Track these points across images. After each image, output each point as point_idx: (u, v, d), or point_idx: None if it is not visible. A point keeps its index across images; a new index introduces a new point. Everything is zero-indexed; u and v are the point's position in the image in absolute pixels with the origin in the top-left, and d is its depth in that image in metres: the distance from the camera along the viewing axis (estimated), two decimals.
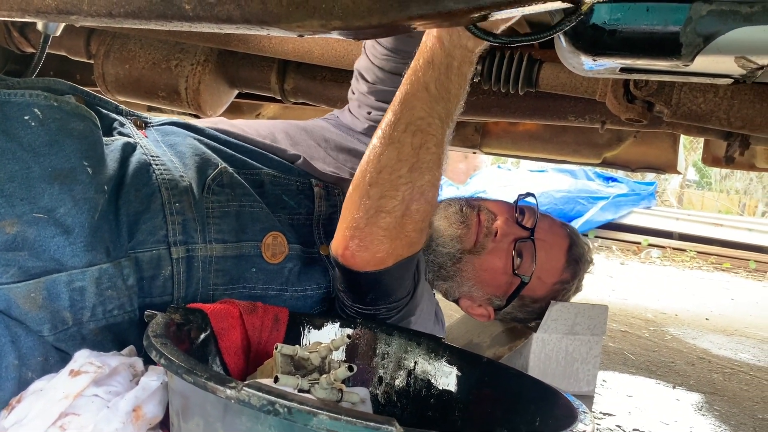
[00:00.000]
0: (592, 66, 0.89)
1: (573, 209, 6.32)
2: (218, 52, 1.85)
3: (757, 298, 4.51)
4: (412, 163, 0.90)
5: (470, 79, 0.92)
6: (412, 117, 0.89)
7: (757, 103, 1.27)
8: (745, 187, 12.97)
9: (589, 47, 0.83)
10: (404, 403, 0.99)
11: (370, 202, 0.91)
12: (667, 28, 0.77)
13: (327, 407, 0.55)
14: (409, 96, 0.89)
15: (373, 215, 0.91)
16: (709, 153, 2.17)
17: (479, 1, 0.65)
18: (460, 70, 0.89)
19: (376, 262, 0.95)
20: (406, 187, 0.90)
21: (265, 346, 0.93)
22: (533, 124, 2.37)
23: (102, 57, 1.90)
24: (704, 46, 0.76)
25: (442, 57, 0.88)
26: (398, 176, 0.90)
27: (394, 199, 0.91)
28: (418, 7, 0.65)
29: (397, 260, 0.96)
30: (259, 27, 0.99)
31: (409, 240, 0.96)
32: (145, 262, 0.96)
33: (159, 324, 0.75)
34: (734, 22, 0.74)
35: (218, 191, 1.04)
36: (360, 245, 0.93)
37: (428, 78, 0.88)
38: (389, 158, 0.90)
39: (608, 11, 0.80)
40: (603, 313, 1.57)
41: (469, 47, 0.89)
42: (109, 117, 1.09)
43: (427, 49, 0.89)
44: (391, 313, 1.07)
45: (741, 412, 1.77)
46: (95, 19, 1.00)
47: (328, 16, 0.75)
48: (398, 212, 0.91)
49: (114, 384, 0.72)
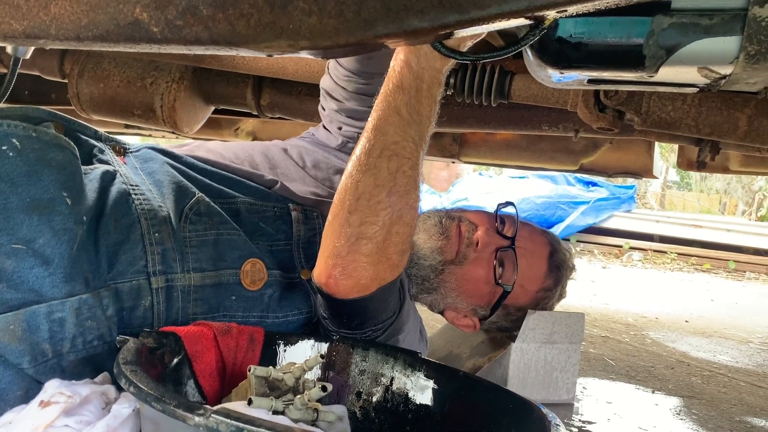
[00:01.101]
0: (560, 78, 0.91)
1: (554, 214, 6.37)
2: (193, 69, 1.85)
3: (737, 298, 4.57)
4: (389, 188, 0.91)
5: (440, 100, 0.93)
6: (387, 142, 0.90)
7: (723, 110, 1.29)
8: (724, 187, 13.15)
9: (556, 61, 0.85)
10: (382, 418, 0.99)
11: (350, 230, 0.91)
12: (630, 40, 0.79)
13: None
14: (381, 121, 0.90)
15: (354, 242, 0.92)
16: (684, 157, 2.21)
17: (443, 19, 0.66)
18: (430, 92, 0.91)
19: (360, 289, 0.96)
20: (385, 212, 0.91)
21: (240, 367, 0.92)
22: (510, 133, 2.40)
23: (76, 76, 1.89)
24: (667, 57, 0.78)
25: (411, 80, 0.89)
26: (377, 202, 0.91)
27: (374, 225, 0.91)
28: (384, 26, 0.66)
29: (381, 285, 0.97)
30: (228, 48, 0.99)
31: (392, 263, 0.96)
32: (125, 292, 0.95)
33: (130, 350, 0.75)
34: (695, 34, 0.75)
35: (195, 220, 1.04)
36: (343, 273, 0.94)
37: (399, 102, 0.89)
38: (367, 184, 0.90)
39: (573, 25, 0.82)
40: (580, 321, 1.58)
41: (437, 68, 0.90)
42: (88, 143, 1.09)
43: (395, 74, 0.90)
44: (377, 333, 1.07)
45: (719, 416, 1.79)
46: (63, 42, 1.00)
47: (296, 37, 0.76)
48: (379, 237, 0.92)
49: (85, 413, 0.71)
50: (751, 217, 10.83)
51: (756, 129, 1.28)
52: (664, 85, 0.92)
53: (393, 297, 1.05)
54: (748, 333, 3.16)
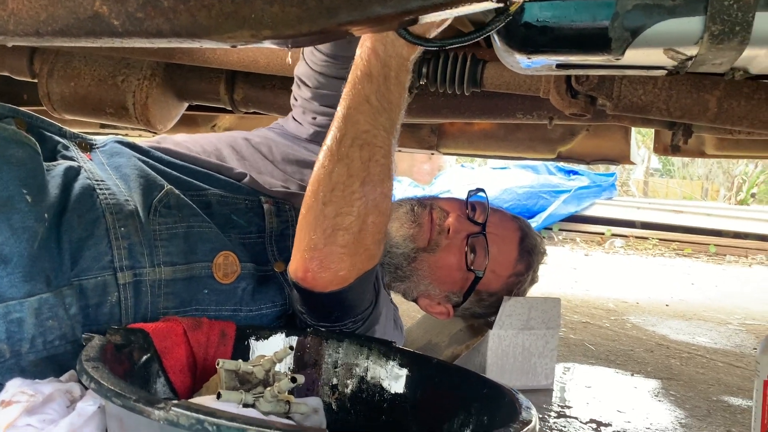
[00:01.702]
0: (529, 64, 0.91)
1: (536, 204, 6.40)
2: (165, 65, 1.82)
3: (717, 281, 4.63)
4: (363, 178, 0.90)
5: (408, 86, 0.93)
6: (357, 131, 0.89)
7: (693, 92, 1.30)
8: (706, 173, 13.31)
9: (523, 46, 0.85)
10: (358, 409, 0.99)
11: (326, 222, 0.91)
12: (595, 23, 0.79)
13: (257, 422, 0.55)
14: (351, 110, 0.90)
15: (330, 234, 0.91)
16: (661, 143, 2.22)
17: (407, 5, 0.66)
18: (398, 80, 0.90)
19: (338, 281, 0.95)
20: (360, 202, 0.90)
21: (212, 363, 0.91)
22: (488, 123, 2.40)
23: (46, 76, 1.86)
24: (632, 39, 0.78)
25: (379, 68, 0.88)
26: (351, 192, 0.90)
27: (350, 216, 0.90)
28: (347, 14, 0.66)
29: (358, 275, 0.96)
30: (190, 40, 0.98)
31: (369, 253, 0.96)
32: (89, 289, 0.94)
33: (94, 347, 0.74)
34: (659, 15, 0.76)
35: (165, 213, 1.03)
36: (321, 266, 0.93)
37: (368, 90, 0.89)
38: (340, 175, 0.90)
39: (539, 10, 0.82)
40: (556, 305, 1.59)
41: (404, 55, 0.89)
42: (52, 140, 1.07)
43: (362, 62, 0.89)
44: (357, 326, 1.07)
45: (696, 396, 1.81)
46: (23, 38, 0.98)
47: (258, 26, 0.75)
48: (355, 228, 0.91)
49: (49, 412, 0.70)
50: (731, 202, 10.97)
51: (725, 111, 1.29)
52: (632, 68, 0.93)
53: (370, 287, 1.05)
54: (727, 315, 3.21)
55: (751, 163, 11.41)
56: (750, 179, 11.36)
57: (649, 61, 0.86)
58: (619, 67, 0.90)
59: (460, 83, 1.43)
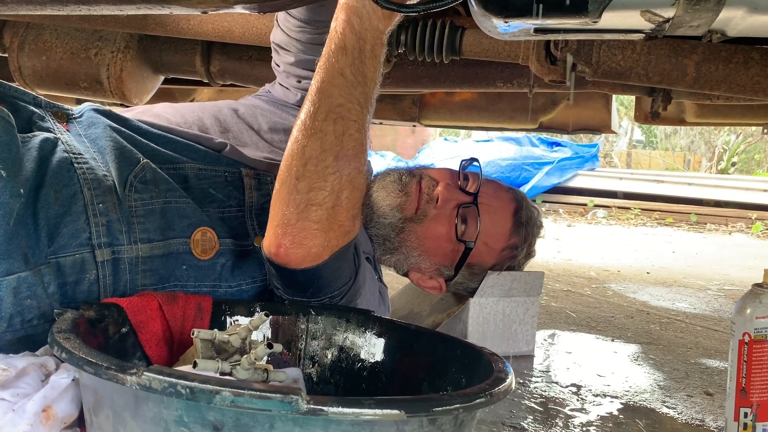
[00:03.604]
0: (506, 29, 0.89)
1: (520, 176, 6.42)
2: (139, 37, 1.78)
3: (697, 249, 4.69)
4: (336, 152, 0.88)
5: (383, 60, 0.91)
6: (331, 105, 0.88)
7: (672, 57, 1.29)
8: (688, 144, 13.40)
9: (499, 9, 0.83)
10: (338, 379, 0.99)
11: (299, 197, 0.89)
12: None
13: (230, 384, 0.54)
14: (325, 84, 0.88)
15: (303, 209, 0.89)
16: (641, 111, 2.22)
17: None
18: (374, 53, 0.88)
19: (312, 258, 0.93)
20: (334, 176, 0.89)
21: (188, 336, 0.90)
22: (469, 94, 2.39)
23: (16, 49, 1.81)
24: (609, 1, 0.77)
25: (354, 41, 0.86)
26: (325, 166, 0.88)
27: (323, 191, 0.89)
28: None
29: (333, 252, 0.94)
30: (160, 6, 0.95)
31: (344, 229, 0.94)
32: (67, 267, 0.92)
33: (66, 320, 0.73)
34: None
35: (141, 188, 1.00)
36: (293, 242, 0.91)
37: (342, 64, 0.87)
38: (313, 149, 0.88)
39: None
40: (539, 278, 1.60)
41: (380, 29, 0.88)
42: (27, 110, 1.03)
43: (337, 35, 0.87)
44: (335, 300, 1.05)
45: (675, 359, 1.84)
46: None
47: None
48: (329, 203, 0.90)
49: (22, 386, 0.70)
50: (712, 171, 11.08)
51: (704, 75, 1.29)
52: (610, 32, 0.92)
53: (347, 263, 1.03)
54: (706, 281, 3.26)
55: (732, 133, 11.51)
56: (731, 149, 11.47)
57: (626, 24, 0.85)
58: (596, 31, 0.89)
59: (438, 51, 1.42)
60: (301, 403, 0.55)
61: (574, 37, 1.30)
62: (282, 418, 0.57)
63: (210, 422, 0.58)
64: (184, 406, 0.57)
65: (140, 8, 0.95)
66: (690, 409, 1.48)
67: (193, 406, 0.57)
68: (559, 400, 1.46)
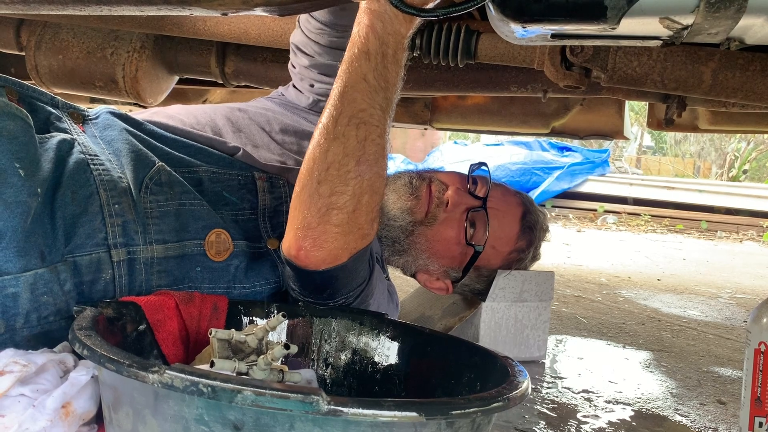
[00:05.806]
0: (524, 33, 0.89)
1: (529, 180, 6.41)
2: (155, 37, 1.80)
3: (708, 256, 4.66)
4: (359, 157, 0.89)
5: (405, 65, 0.92)
6: (354, 110, 0.88)
7: (689, 64, 1.29)
8: (698, 150, 13.33)
9: (517, 14, 0.83)
10: (351, 381, 0.99)
11: (321, 200, 0.90)
12: None
13: (251, 383, 0.55)
14: (348, 88, 0.88)
15: (324, 213, 0.90)
16: (654, 117, 2.21)
17: None
18: (396, 58, 0.89)
19: (331, 260, 0.94)
20: (355, 181, 0.89)
21: (205, 336, 0.91)
22: (482, 98, 2.39)
23: (33, 48, 1.83)
24: (628, 8, 0.77)
25: (377, 46, 0.87)
26: (347, 171, 0.89)
27: (344, 195, 0.90)
28: None
29: (352, 254, 0.95)
30: (181, 7, 0.96)
31: (363, 232, 0.95)
32: (83, 266, 0.93)
33: (86, 317, 0.73)
34: None
35: (156, 190, 1.01)
36: (314, 245, 0.92)
37: (365, 69, 0.87)
38: (336, 154, 0.89)
39: None
40: (550, 278, 1.60)
41: (402, 33, 0.88)
42: (44, 110, 1.04)
43: (360, 40, 0.87)
44: (349, 301, 1.06)
45: (687, 367, 1.83)
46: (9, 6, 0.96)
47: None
48: (350, 207, 0.90)
49: (42, 382, 0.70)
50: (723, 179, 11.01)
51: (720, 82, 1.29)
52: (627, 38, 0.92)
53: (363, 265, 1.04)
54: (718, 289, 3.24)
55: (743, 140, 11.43)
56: (742, 156, 11.39)
57: (644, 30, 0.85)
58: (614, 38, 0.89)
59: (453, 55, 1.42)
60: (321, 403, 0.55)
61: (591, 43, 1.31)
62: (302, 418, 0.58)
63: (230, 421, 0.58)
64: (205, 404, 0.57)
65: (161, 9, 0.95)
66: (703, 417, 1.47)
67: (214, 405, 0.57)
68: (571, 406, 1.46)
